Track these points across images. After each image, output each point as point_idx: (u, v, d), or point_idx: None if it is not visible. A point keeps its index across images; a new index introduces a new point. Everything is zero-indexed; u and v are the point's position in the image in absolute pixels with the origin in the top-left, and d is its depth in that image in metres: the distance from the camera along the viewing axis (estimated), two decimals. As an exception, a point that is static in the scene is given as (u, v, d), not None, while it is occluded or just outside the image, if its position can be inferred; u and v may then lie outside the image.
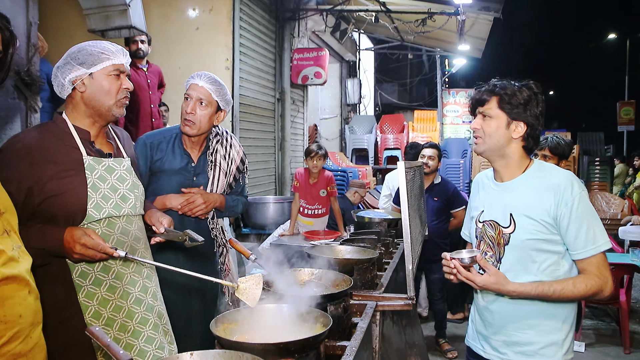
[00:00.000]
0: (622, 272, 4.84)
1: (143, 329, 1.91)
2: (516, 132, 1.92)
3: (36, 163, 1.75)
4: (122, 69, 1.90)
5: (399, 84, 19.31)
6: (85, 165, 1.83)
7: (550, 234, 1.86)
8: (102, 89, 1.86)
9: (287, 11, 8.03)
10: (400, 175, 2.17)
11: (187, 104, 2.54)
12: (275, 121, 7.94)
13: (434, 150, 4.75)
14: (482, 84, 2.03)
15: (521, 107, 1.90)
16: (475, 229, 2.09)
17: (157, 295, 2.02)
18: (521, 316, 1.94)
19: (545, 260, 1.89)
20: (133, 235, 1.94)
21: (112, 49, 1.88)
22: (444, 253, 1.96)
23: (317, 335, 1.44)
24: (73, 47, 1.89)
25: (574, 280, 1.83)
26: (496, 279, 1.82)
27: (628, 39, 25.41)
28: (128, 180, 1.95)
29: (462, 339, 5.06)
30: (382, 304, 2.12)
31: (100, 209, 1.82)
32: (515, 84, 1.94)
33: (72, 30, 6.39)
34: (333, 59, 11.03)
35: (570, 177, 1.89)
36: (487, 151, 1.98)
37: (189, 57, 6.26)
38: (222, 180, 2.67)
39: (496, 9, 7.89)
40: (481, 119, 1.97)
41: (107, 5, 4.14)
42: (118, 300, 1.87)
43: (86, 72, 1.84)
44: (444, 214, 4.84)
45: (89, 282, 1.83)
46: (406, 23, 9.59)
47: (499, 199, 2.00)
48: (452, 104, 16.32)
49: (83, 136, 1.89)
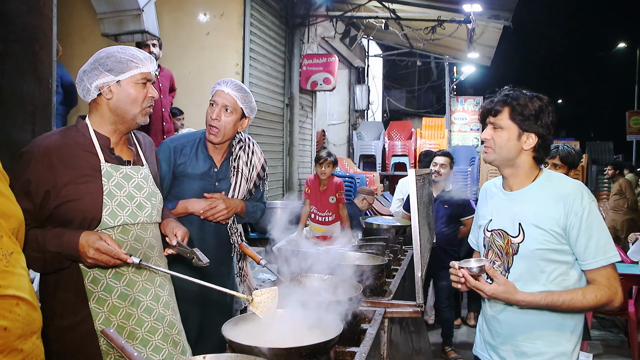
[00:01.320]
0: (631, 282, 4.80)
1: (152, 338, 1.90)
2: (527, 144, 1.91)
3: (54, 167, 1.76)
4: (149, 77, 1.89)
5: (407, 91, 19.32)
6: (102, 172, 1.83)
7: (560, 244, 1.85)
8: (129, 97, 1.85)
9: (297, 17, 8.08)
10: (410, 183, 2.18)
11: (212, 110, 2.54)
12: (284, 126, 7.98)
13: (446, 159, 4.77)
14: (492, 93, 2.02)
15: (532, 118, 1.88)
16: (483, 237, 2.08)
17: (170, 304, 2.00)
18: (530, 326, 1.93)
19: (554, 270, 1.87)
20: (147, 242, 1.93)
21: (140, 56, 1.87)
22: (452, 262, 1.95)
23: (328, 340, 1.45)
24: (101, 52, 1.87)
25: (584, 290, 1.82)
26: (505, 288, 1.81)
27: (638, 48, 25.30)
28: (145, 188, 1.93)
29: (468, 346, 5.05)
30: (391, 311, 2.13)
31: (115, 217, 1.82)
32: (527, 94, 1.92)
33: (85, 34, 6.47)
34: (342, 65, 11.06)
35: (580, 187, 1.88)
36: (497, 161, 1.97)
37: (200, 62, 6.31)
38: (243, 186, 2.68)
39: (506, 17, 7.89)
40: (492, 129, 1.96)
41: (121, 9, 4.19)
42: (128, 308, 1.86)
43: (114, 80, 1.83)
44: (454, 222, 4.85)
45: (100, 289, 1.82)
46: (416, 30, 9.61)
47: (508, 208, 1.98)
48: (460, 111, 16.32)
49: (103, 142, 1.88)
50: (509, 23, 7.97)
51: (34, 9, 2.74)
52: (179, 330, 2.02)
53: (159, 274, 1.95)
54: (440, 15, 8.47)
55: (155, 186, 2.01)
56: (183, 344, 2.02)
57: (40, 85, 2.75)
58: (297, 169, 8.27)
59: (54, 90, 2.79)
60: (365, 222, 4.03)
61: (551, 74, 43.63)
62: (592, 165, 15.60)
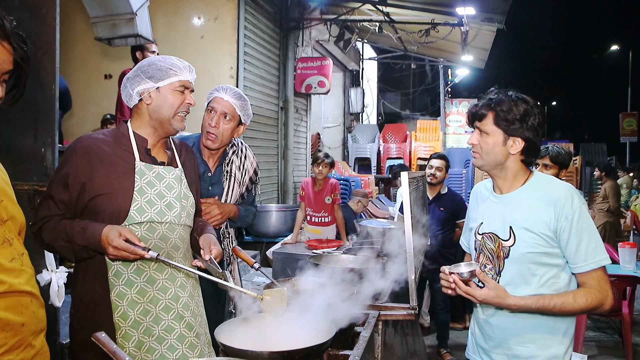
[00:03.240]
0: (625, 284, 4.82)
1: (167, 337, 1.91)
2: (513, 148, 1.90)
3: (91, 162, 1.86)
4: (187, 85, 2.00)
5: (402, 94, 19.38)
6: (136, 169, 1.91)
7: (550, 247, 1.85)
8: (166, 102, 1.95)
9: (291, 20, 8.09)
10: (403, 186, 2.18)
11: (210, 116, 2.55)
12: (279, 130, 7.98)
13: (441, 162, 4.79)
14: (481, 95, 2.00)
15: (517, 122, 1.86)
16: (475, 240, 2.07)
17: (190, 307, 2.00)
18: (522, 330, 1.92)
19: (545, 274, 1.87)
20: (172, 243, 1.96)
21: (179, 65, 1.98)
22: (442, 267, 1.92)
23: (321, 344, 1.45)
24: (144, 61, 1.99)
25: (575, 294, 1.82)
26: (496, 292, 1.79)
27: (631, 50, 25.51)
28: (176, 189, 1.99)
29: (463, 348, 5.06)
30: (385, 314, 2.13)
31: (143, 213, 1.88)
32: (512, 97, 1.90)
33: (78, 38, 6.47)
34: (336, 68, 11.08)
35: (570, 190, 1.87)
36: (485, 166, 1.97)
37: (194, 65, 6.13)
38: (236, 191, 2.69)
39: (499, 20, 7.93)
40: (478, 134, 1.95)
41: (114, 13, 4.19)
42: (147, 304, 1.90)
43: (154, 86, 1.94)
44: (450, 224, 4.87)
45: (121, 282, 1.88)
46: (410, 33, 9.64)
47: (498, 211, 1.97)
48: (455, 113, 16.40)
49: (141, 143, 1.97)
50: (502, 26, 8.01)
51: (36, 16, 2.77)
52: (198, 334, 2.00)
53: (180, 274, 1.98)
54: (434, 19, 8.50)
55: (189, 189, 2.06)
56: (201, 347, 2.00)
57: (42, 92, 2.78)
58: (292, 172, 8.27)
59: (56, 97, 2.81)
60: (360, 225, 4.04)
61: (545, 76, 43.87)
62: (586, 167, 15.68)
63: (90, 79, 6.62)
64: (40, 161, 2.76)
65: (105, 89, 6.49)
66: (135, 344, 1.84)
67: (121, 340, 1.84)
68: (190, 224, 2.06)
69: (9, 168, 1.51)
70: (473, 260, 2.08)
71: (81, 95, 6.40)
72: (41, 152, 2.78)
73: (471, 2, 7.49)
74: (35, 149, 2.78)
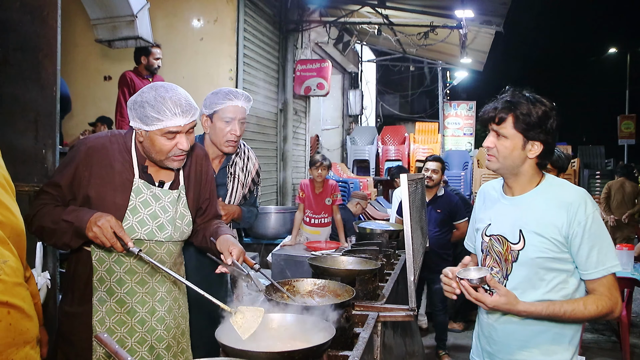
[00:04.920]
0: (623, 285, 4.84)
1: (139, 349, 1.94)
2: (532, 152, 1.84)
3: (92, 165, 1.87)
4: (176, 130, 1.85)
5: (401, 96, 19.42)
6: (133, 187, 1.89)
7: (561, 252, 1.80)
8: (154, 147, 1.87)
9: (290, 23, 8.10)
10: (402, 187, 2.19)
11: (230, 125, 2.52)
12: (278, 132, 7.99)
13: (437, 164, 4.80)
14: (490, 97, 1.94)
15: (537, 126, 1.81)
16: (481, 242, 2.02)
17: (165, 320, 2.00)
18: (527, 335, 1.89)
19: (554, 279, 1.83)
20: (159, 257, 1.97)
21: (169, 112, 1.82)
22: (444, 270, 1.89)
23: (321, 344, 1.46)
24: (136, 97, 1.87)
25: (585, 300, 1.78)
26: (507, 299, 1.74)
27: (628, 53, 25.57)
28: (170, 212, 1.97)
29: (462, 349, 5.07)
30: (384, 315, 2.14)
31: (132, 232, 1.87)
32: (530, 99, 1.84)
33: (78, 39, 6.48)
34: (335, 70, 11.10)
35: (584, 194, 1.82)
36: (501, 170, 1.91)
37: (194, 67, 6.32)
38: (239, 192, 2.72)
39: (498, 22, 7.97)
40: (495, 137, 1.88)
41: (115, 15, 4.21)
42: (123, 315, 1.92)
43: (142, 127, 1.85)
44: (447, 226, 4.89)
45: (103, 289, 1.89)
46: (408, 36, 9.66)
47: (508, 213, 1.92)
48: (454, 116, 16.43)
49: (140, 160, 1.95)
50: (501, 28, 8.04)
51: (37, 18, 2.78)
52: (169, 346, 2.02)
53: (161, 290, 1.98)
54: (433, 21, 8.52)
55: (187, 208, 2.04)
56: (169, 357, 2.02)
57: (43, 93, 2.79)
58: (291, 173, 8.28)
59: (57, 99, 2.83)
60: (359, 227, 4.05)
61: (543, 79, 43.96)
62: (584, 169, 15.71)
63: (90, 80, 6.63)
64: (41, 162, 2.77)
65: (104, 90, 6.50)
66: (105, 351, 1.87)
67: (95, 344, 1.89)
68: (182, 239, 2.06)
69: (10, 169, 1.48)
70: (479, 262, 2.04)
71: (81, 96, 6.41)
72: (42, 154, 2.79)
73: (470, 5, 7.52)
74: (35, 150, 2.79)
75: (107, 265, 1.91)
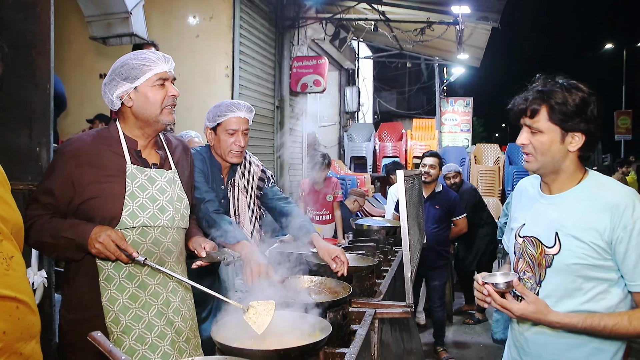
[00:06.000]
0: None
1: (161, 344, 1.90)
2: (573, 145, 1.65)
3: (81, 165, 1.82)
4: (165, 77, 1.90)
5: (398, 92, 19.41)
6: (127, 173, 1.87)
7: (602, 259, 1.61)
8: (148, 101, 1.88)
9: (286, 19, 8.08)
10: (399, 184, 2.19)
11: (233, 137, 2.54)
12: (275, 129, 7.97)
13: (435, 159, 4.80)
14: (528, 86, 1.75)
15: (575, 115, 1.62)
16: (515, 243, 1.85)
17: (181, 311, 1.99)
18: (560, 348, 1.71)
19: (593, 288, 1.64)
20: (165, 247, 1.94)
21: (152, 57, 1.88)
22: (475, 276, 1.74)
23: (317, 342, 1.45)
24: (116, 62, 1.91)
25: (630, 315, 1.57)
26: (536, 307, 1.59)
27: (625, 49, 25.61)
28: (168, 192, 1.96)
29: (460, 346, 5.07)
30: (381, 312, 2.14)
31: (135, 218, 1.85)
32: (564, 85, 1.66)
33: (73, 37, 6.44)
34: (332, 67, 11.08)
35: (632, 195, 1.61)
36: (542, 169, 1.72)
37: (190, 65, 6.29)
38: (242, 200, 2.69)
39: (494, 18, 7.95)
40: (529, 132, 1.70)
41: (109, 12, 4.18)
42: (139, 310, 1.87)
43: (131, 87, 1.87)
44: (445, 222, 4.89)
45: (113, 287, 1.85)
46: (405, 32, 9.65)
47: (545, 213, 1.74)
48: (451, 112, 16.40)
49: (131, 145, 1.93)
50: (497, 24, 8.03)
51: (30, 16, 2.76)
52: (188, 338, 2.00)
53: (172, 279, 1.95)
54: (429, 17, 8.51)
55: (183, 191, 2.03)
56: (190, 351, 2.00)
57: (37, 91, 2.77)
58: (288, 171, 8.27)
59: (51, 96, 2.81)
60: (356, 224, 4.05)
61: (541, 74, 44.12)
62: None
63: (86, 78, 6.60)
64: (36, 160, 2.75)
65: (100, 88, 6.43)
66: (127, 349, 1.82)
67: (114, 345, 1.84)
68: (184, 226, 2.04)
69: (4, 167, 1.48)
70: (512, 265, 1.89)
71: (76, 94, 6.37)
72: (36, 152, 2.77)
73: (466, 1, 7.50)
74: (30, 148, 2.77)
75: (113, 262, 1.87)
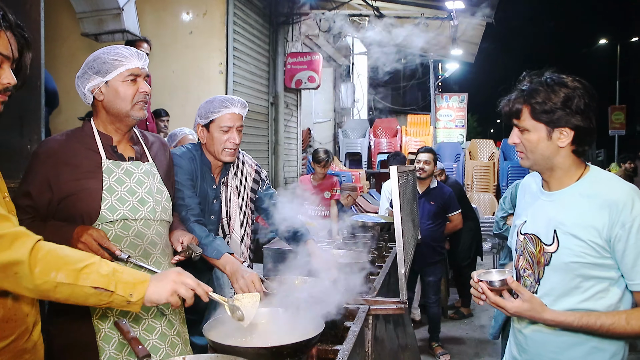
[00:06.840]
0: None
1: (149, 337, 1.90)
2: (562, 140, 1.64)
3: (57, 165, 1.83)
4: (137, 73, 1.90)
5: (393, 88, 19.38)
6: (103, 168, 1.88)
7: (601, 257, 1.59)
8: (118, 96, 1.88)
9: (281, 15, 8.05)
10: (392, 179, 2.18)
11: (228, 134, 2.44)
12: (269, 125, 7.96)
13: (429, 155, 4.78)
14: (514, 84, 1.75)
15: (559, 111, 1.60)
16: (516, 240, 1.84)
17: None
18: (559, 347, 1.69)
19: (592, 287, 1.62)
20: (149, 239, 1.94)
21: (125, 53, 1.88)
22: (472, 273, 1.73)
23: (310, 339, 1.45)
24: (90, 56, 1.91)
25: (628, 315, 1.56)
26: (530, 305, 1.58)
27: (619, 44, 25.71)
28: (146, 183, 1.96)
29: (455, 341, 5.08)
30: (375, 308, 2.13)
31: (115, 211, 1.85)
32: (547, 82, 1.65)
33: (65, 34, 6.39)
34: (326, 63, 11.06)
35: (632, 192, 1.58)
36: (535, 166, 1.72)
37: (183, 61, 6.27)
38: (233, 201, 2.59)
39: (489, 14, 7.96)
40: (518, 131, 1.71)
41: (101, 9, 4.15)
42: None
43: (102, 81, 1.87)
44: (440, 218, 4.88)
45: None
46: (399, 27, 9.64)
47: (544, 210, 1.73)
48: (445, 108, 16.44)
49: (105, 141, 1.93)
50: (492, 20, 8.04)
51: (20, 12, 2.73)
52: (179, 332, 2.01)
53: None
54: (424, 13, 8.50)
55: (162, 184, 2.03)
56: (181, 346, 2.00)
57: (28, 88, 2.75)
58: (283, 167, 8.26)
59: (42, 93, 2.79)
60: (351, 219, 4.05)
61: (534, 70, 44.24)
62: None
63: (78, 75, 6.57)
64: (27, 158, 2.71)
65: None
66: (116, 346, 1.83)
67: (102, 343, 1.83)
68: (168, 219, 2.04)
69: (-3, 166, 1.49)
70: (513, 262, 1.87)
71: (69, 91, 6.31)
72: (27, 149, 2.75)
73: (460, -4, 7.51)
74: (21, 145, 2.75)
75: None
